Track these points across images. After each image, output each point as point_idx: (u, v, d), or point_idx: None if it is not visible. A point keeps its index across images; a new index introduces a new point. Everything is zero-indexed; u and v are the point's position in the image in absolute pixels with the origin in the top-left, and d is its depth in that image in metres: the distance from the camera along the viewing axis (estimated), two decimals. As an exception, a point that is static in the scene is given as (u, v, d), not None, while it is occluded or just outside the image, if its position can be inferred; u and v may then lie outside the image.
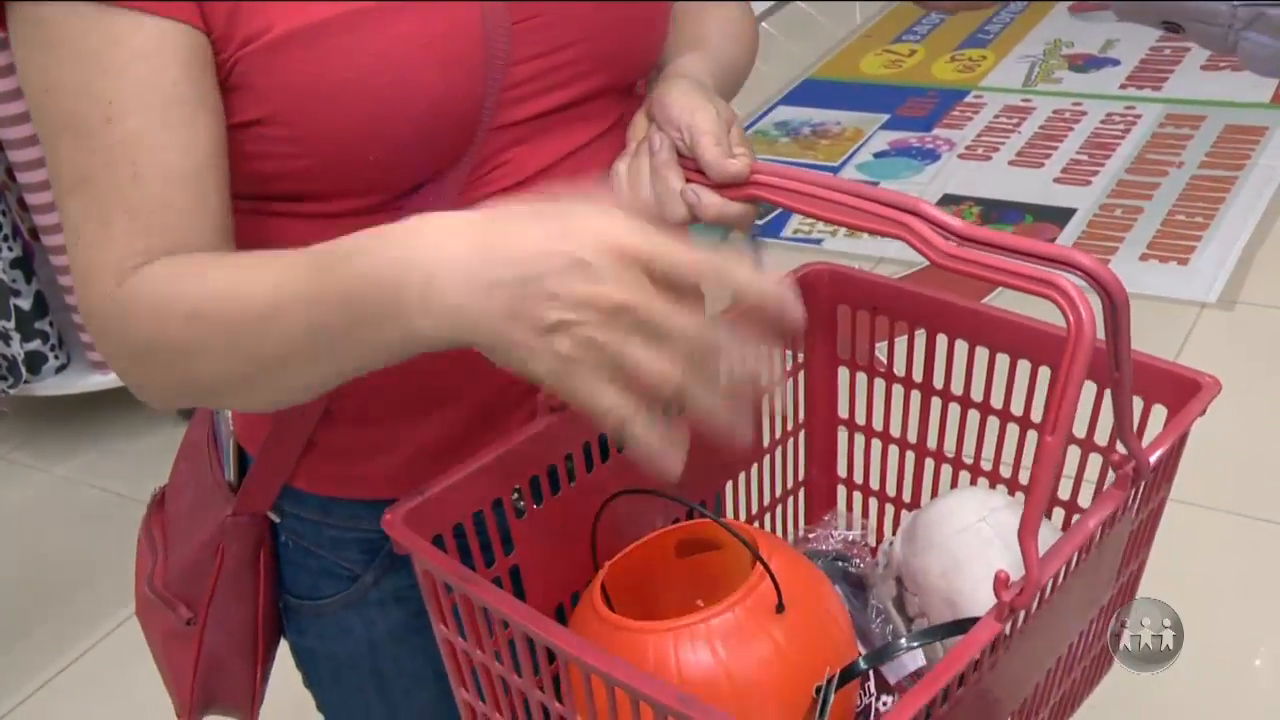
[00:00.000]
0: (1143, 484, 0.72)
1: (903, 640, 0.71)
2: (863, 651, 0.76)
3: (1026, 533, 0.61)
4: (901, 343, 0.88)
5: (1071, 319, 0.58)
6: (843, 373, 0.93)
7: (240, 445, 0.85)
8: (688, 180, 0.72)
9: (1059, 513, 0.85)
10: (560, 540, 0.79)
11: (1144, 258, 2.58)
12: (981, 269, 0.61)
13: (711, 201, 0.71)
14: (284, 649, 0.93)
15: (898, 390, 0.90)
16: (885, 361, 0.90)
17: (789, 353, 0.91)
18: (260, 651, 0.89)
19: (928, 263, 0.64)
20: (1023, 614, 0.64)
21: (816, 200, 0.68)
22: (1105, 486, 0.71)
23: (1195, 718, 1.61)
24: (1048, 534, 0.70)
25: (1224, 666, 1.67)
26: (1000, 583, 0.62)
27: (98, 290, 0.66)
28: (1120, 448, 0.70)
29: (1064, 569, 0.67)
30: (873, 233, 0.66)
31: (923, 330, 0.86)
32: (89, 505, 2.25)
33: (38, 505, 2.30)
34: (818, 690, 0.67)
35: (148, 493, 0.97)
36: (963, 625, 0.70)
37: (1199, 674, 1.61)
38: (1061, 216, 2.75)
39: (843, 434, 0.95)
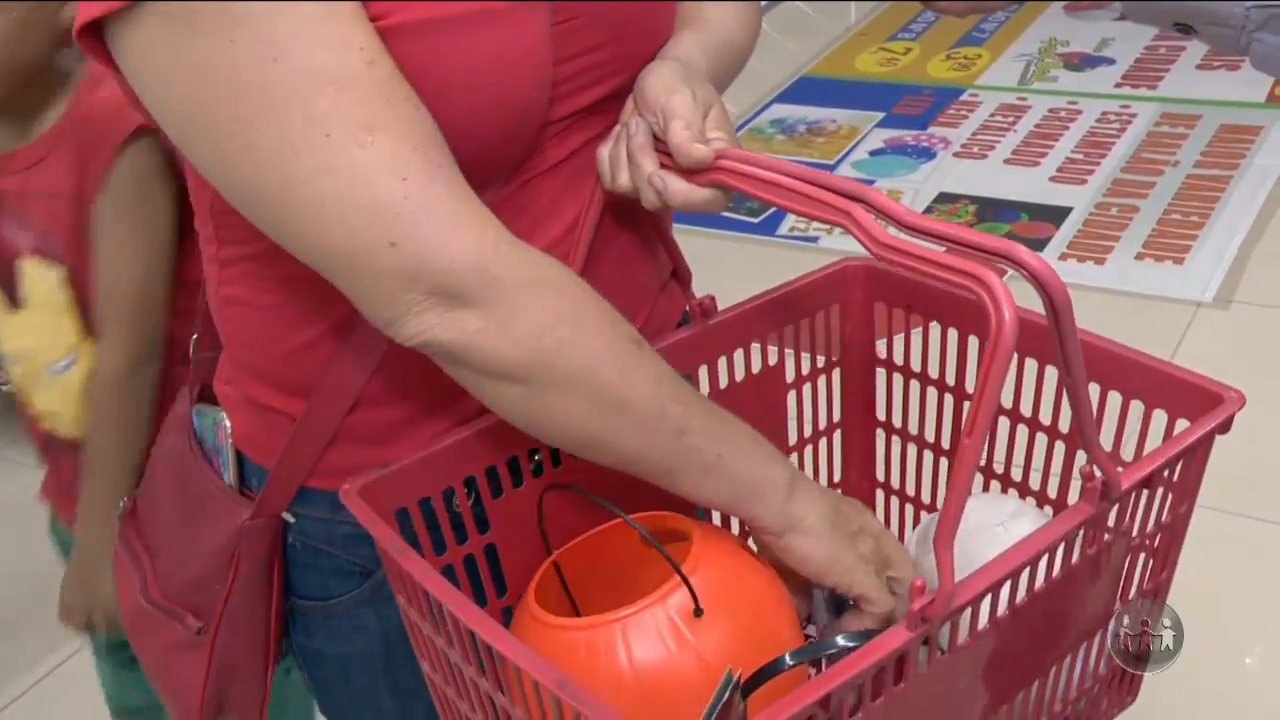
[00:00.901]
0: (1122, 501, 0.68)
1: (839, 637, 0.67)
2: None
3: (941, 542, 0.58)
4: (935, 344, 0.86)
5: (993, 317, 0.54)
6: (879, 373, 0.91)
7: (240, 450, 0.84)
8: (661, 166, 0.72)
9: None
10: (535, 522, 0.78)
11: (1140, 256, 2.58)
12: (913, 260, 0.58)
13: (678, 188, 0.71)
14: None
15: (932, 393, 0.88)
16: (920, 363, 0.88)
17: (823, 348, 0.90)
18: (270, 657, 0.87)
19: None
20: (952, 627, 0.62)
21: (772, 186, 0.66)
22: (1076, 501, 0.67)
23: (1194, 716, 1.61)
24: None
25: (1228, 669, 1.67)
26: (915, 590, 0.59)
27: (471, 233, 0.63)
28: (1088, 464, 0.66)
29: (1015, 586, 0.64)
30: (817, 220, 0.64)
31: (955, 330, 0.84)
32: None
33: (26, 502, 2.29)
34: (721, 689, 0.63)
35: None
36: (870, 634, 0.66)
37: (1204, 677, 1.61)
38: (1057, 215, 2.75)
39: (881, 437, 0.93)
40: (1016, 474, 0.88)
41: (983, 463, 0.88)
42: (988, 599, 0.65)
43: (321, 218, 0.63)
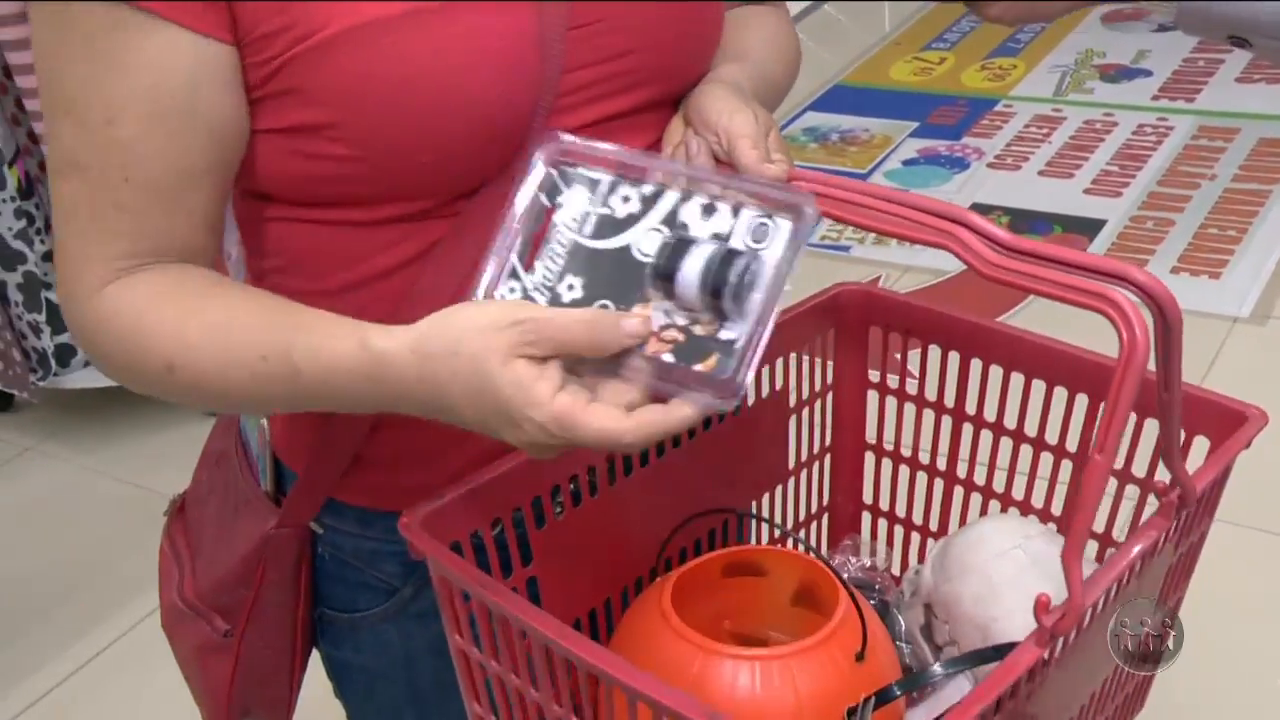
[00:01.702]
0: (1185, 514, 0.70)
1: (936, 666, 0.70)
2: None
3: (1071, 555, 0.59)
4: (933, 366, 0.87)
5: (1125, 336, 0.56)
6: (871, 396, 0.91)
7: (277, 456, 0.85)
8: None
9: (1092, 545, 0.83)
10: (579, 554, 0.78)
11: (1175, 271, 2.55)
12: (1031, 281, 0.59)
13: None
14: (314, 658, 0.93)
15: (928, 415, 0.88)
16: (916, 385, 0.88)
17: (818, 374, 0.90)
18: (297, 663, 0.88)
19: (955, 272, 0.63)
20: (1061, 641, 0.63)
21: (858, 208, 0.67)
22: (1146, 515, 0.69)
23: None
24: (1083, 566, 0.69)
25: (1254, 684, 1.65)
26: (1041, 606, 0.60)
27: (81, 286, 0.70)
28: (1161, 474, 0.69)
29: (1104, 597, 0.66)
30: (917, 242, 0.64)
31: (956, 353, 0.85)
32: (112, 496, 2.27)
33: (63, 495, 2.32)
34: (850, 712, 0.66)
35: (170, 486, 0.97)
36: (1000, 651, 0.69)
37: (1229, 692, 1.60)
38: (1091, 228, 2.73)
39: (869, 459, 0.94)
40: (1037, 501, 0.88)
41: (1000, 489, 0.88)
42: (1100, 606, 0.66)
43: None
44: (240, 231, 0.79)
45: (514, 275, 0.65)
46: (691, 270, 0.61)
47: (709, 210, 0.64)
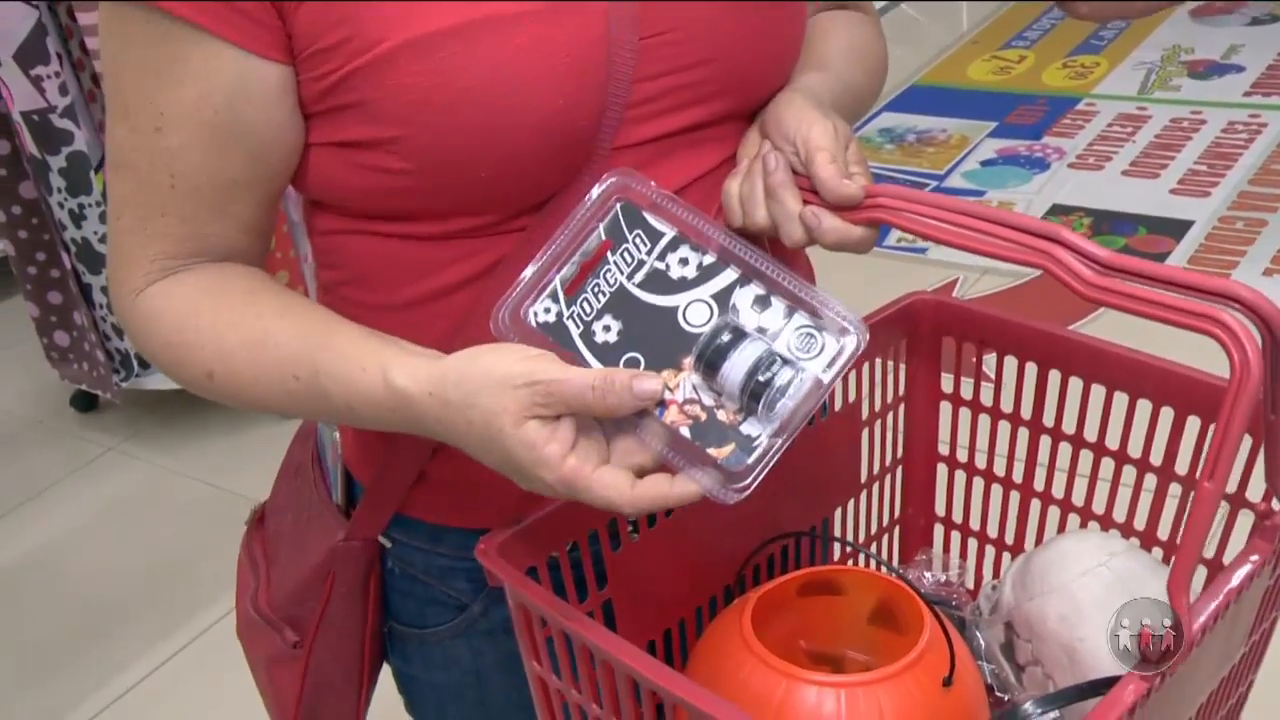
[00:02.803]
0: None
1: (1029, 704, 0.67)
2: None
3: (1177, 586, 0.58)
4: (1010, 376, 0.84)
5: (1237, 358, 0.54)
6: (944, 407, 0.89)
7: (348, 469, 0.85)
8: (805, 202, 0.68)
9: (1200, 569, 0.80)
10: (653, 576, 0.77)
11: (1268, 273, 2.47)
12: (1132, 301, 0.58)
13: (833, 226, 0.67)
14: (386, 673, 0.92)
15: (1004, 426, 0.86)
16: (991, 396, 0.86)
17: (890, 385, 0.88)
18: (365, 676, 0.88)
19: (1034, 275, 0.60)
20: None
21: (946, 226, 0.64)
22: (1249, 538, 0.67)
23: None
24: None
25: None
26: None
27: (127, 284, 0.73)
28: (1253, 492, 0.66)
29: (1211, 625, 0.63)
30: (1011, 261, 0.62)
31: (1033, 363, 0.82)
32: (191, 497, 2.31)
33: (143, 495, 2.37)
34: None
35: (248, 487, 0.97)
36: (1097, 688, 0.66)
37: None
38: (1178, 229, 2.65)
39: (942, 471, 0.91)
40: (1119, 515, 0.84)
41: (1079, 503, 0.85)
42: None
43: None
44: (310, 242, 0.79)
45: (553, 297, 0.65)
46: (738, 367, 0.62)
47: (763, 302, 0.64)
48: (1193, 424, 0.76)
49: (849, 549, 0.89)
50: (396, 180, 0.68)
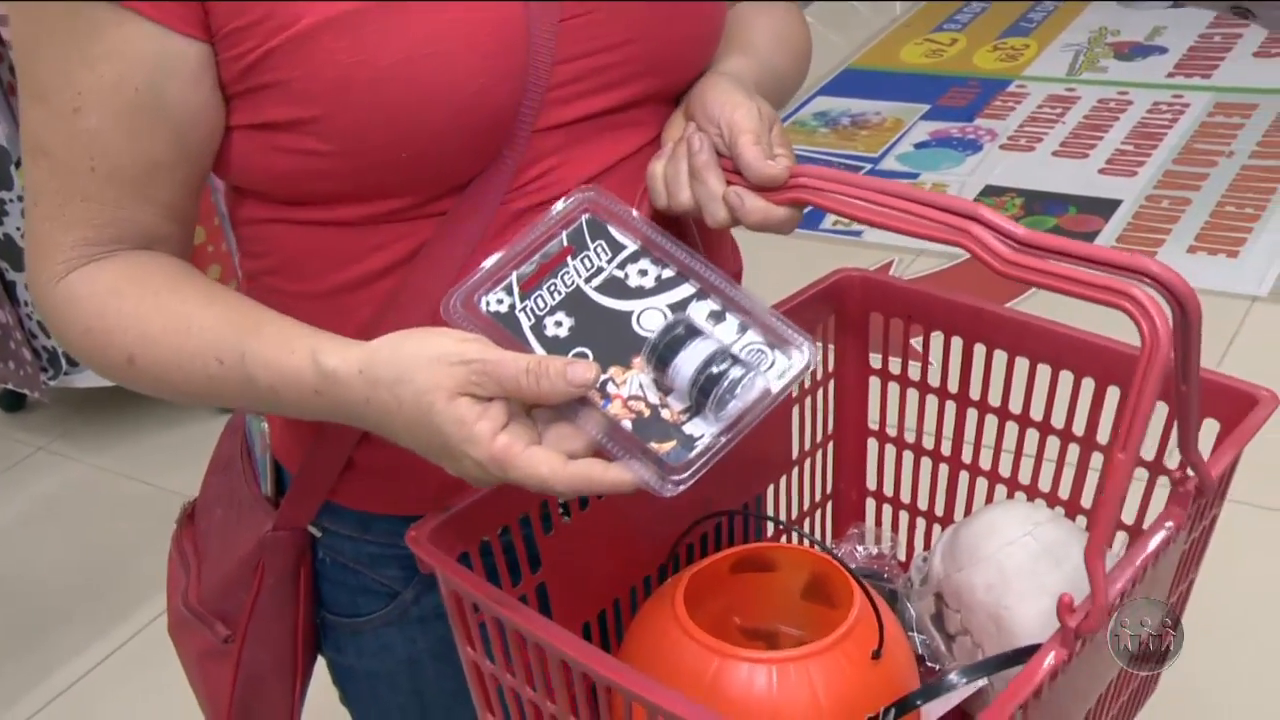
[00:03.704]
0: (1202, 501, 0.69)
1: (954, 675, 0.68)
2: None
3: (1094, 554, 0.58)
4: (936, 351, 0.85)
5: (1146, 331, 0.55)
6: (874, 382, 0.90)
7: (277, 460, 0.84)
8: (728, 183, 0.69)
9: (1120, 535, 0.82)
10: (587, 558, 0.77)
11: (1192, 250, 2.52)
12: (1047, 277, 0.58)
13: (756, 206, 0.68)
14: (320, 664, 0.91)
15: (931, 401, 0.87)
16: (919, 371, 0.87)
17: (819, 363, 0.89)
18: (299, 668, 0.87)
19: (968, 256, 0.61)
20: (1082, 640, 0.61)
21: (867, 205, 0.65)
22: (1165, 504, 0.68)
23: (1243, 716, 1.58)
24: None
25: (1266, 665, 1.63)
26: (1064, 607, 0.59)
27: (46, 271, 0.70)
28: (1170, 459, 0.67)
29: (1127, 591, 0.64)
30: (930, 239, 0.63)
31: (959, 338, 0.83)
32: (124, 495, 2.27)
33: (75, 495, 2.32)
34: None
35: (183, 484, 0.96)
36: (1021, 655, 0.67)
37: (1240, 673, 1.57)
38: (1106, 208, 2.69)
39: (873, 445, 0.92)
40: (1044, 485, 0.86)
41: (1006, 474, 0.86)
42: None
43: None
44: (232, 231, 0.77)
45: (508, 290, 0.65)
46: (690, 361, 0.62)
47: (717, 317, 0.65)
48: (1113, 394, 0.77)
49: (780, 527, 0.90)
50: (316, 162, 0.68)
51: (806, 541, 0.90)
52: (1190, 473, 0.67)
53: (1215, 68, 3.19)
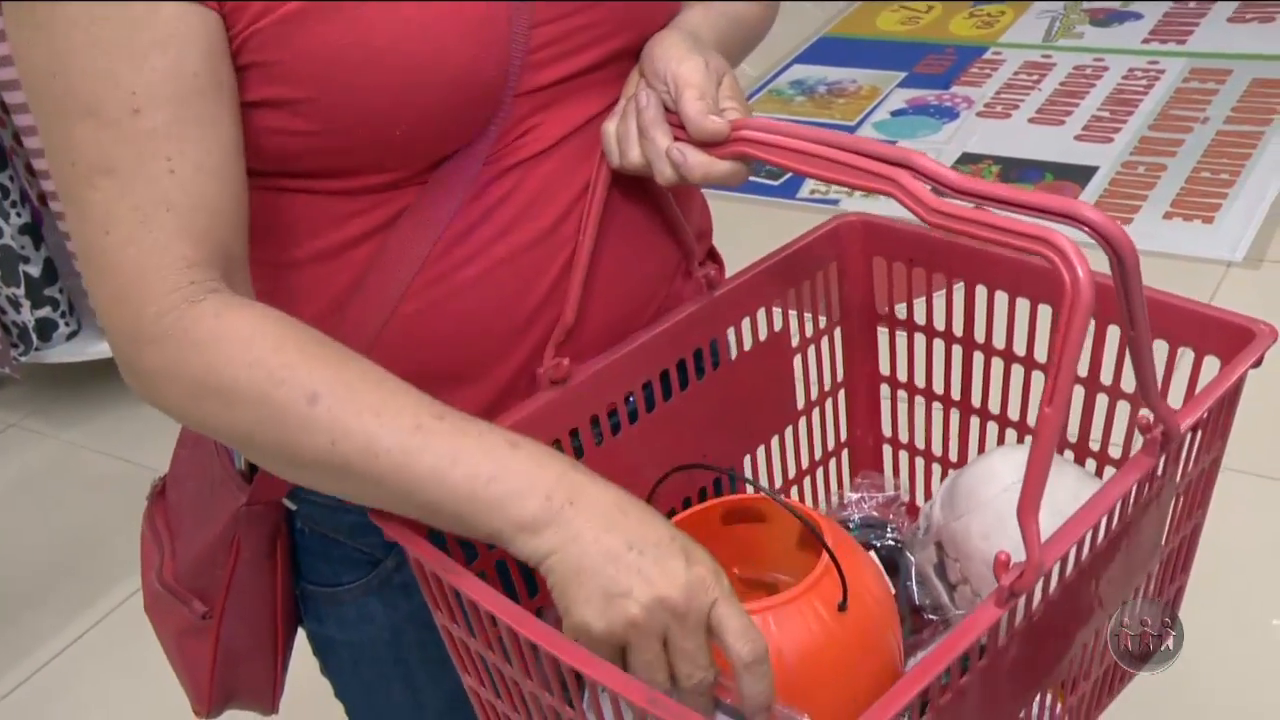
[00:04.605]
0: (1175, 448, 0.67)
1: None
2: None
3: (1025, 512, 0.56)
4: (941, 296, 0.85)
5: (1067, 279, 0.53)
6: (883, 329, 0.89)
7: None
8: (676, 139, 0.68)
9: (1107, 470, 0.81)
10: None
11: (1168, 216, 2.53)
12: (972, 225, 0.56)
13: (698, 161, 0.67)
14: (301, 637, 0.90)
15: (938, 345, 0.86)
16: (925, 315, 0.86)
17: (821, 309, 0.88)
18: (279, 642, 0.85)
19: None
20: (1027, 596, 0.60)
21: (805, 156, 0.63)
22: (1138, 454, 0.66)
23: (1224, 679, 1.59)
24: (1086, 492, 0.67)
25: (1248, 628, 1.65)
26: (1000, 565, 0.57)
27: (149, 305, 0.62)
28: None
29: (1082, 546, 0.63)
30: (859, 188, 0.61)
31: (962, 282, 0.82)
32: (99, 472, 2.24)
33: (49, 472, 2.30)
34: None
35: (158, 460, 0.94)
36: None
37: (1225, 636, 1.59)
38: (1083, 175, 2.70)
39: (886, 391, 0.91)
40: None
41: (1015, 417, 0.85)
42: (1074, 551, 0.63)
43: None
44: None
45: None
46: None
47: None
48: (1114, 334, 0.75)
49: (724, 474, 0.87)
50: (304, 141, 0.66)
51: (764, 494, 0.89)
52: (1156, 421, 0.65)
53: (1190, 34, 3.20)
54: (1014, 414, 0.85)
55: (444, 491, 0.60)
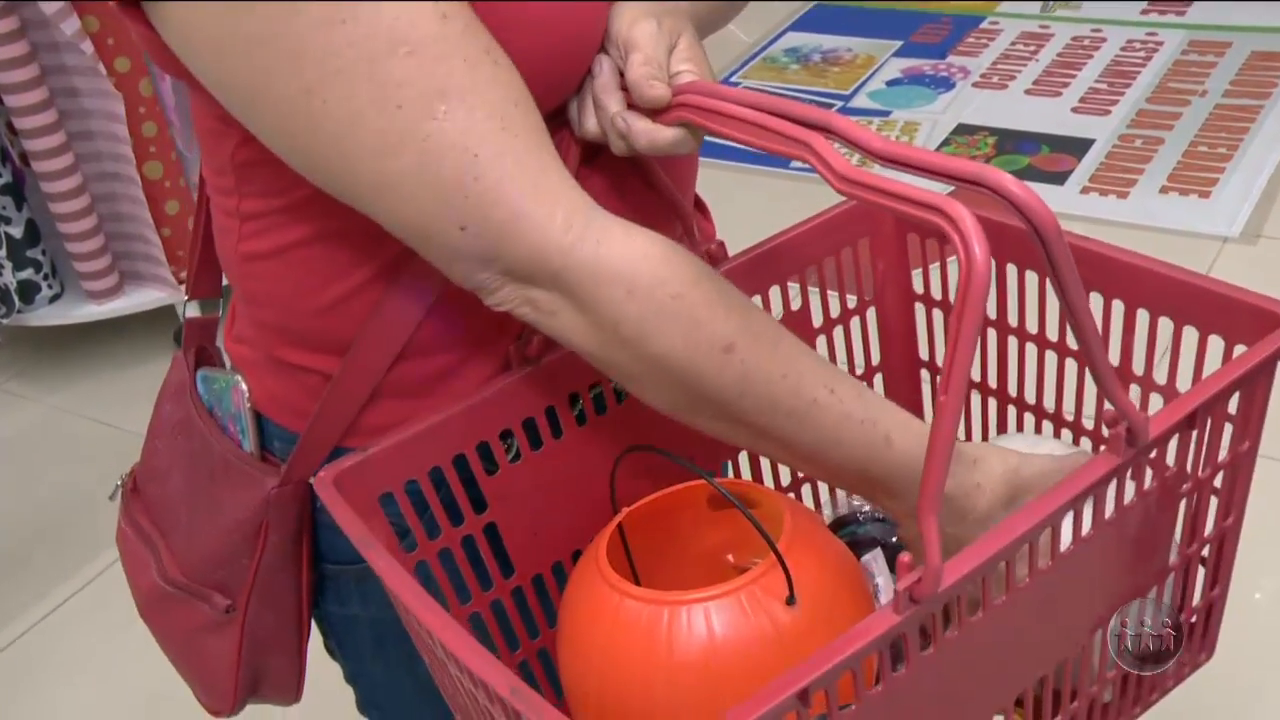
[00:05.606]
0: (1146, 446, 0.61)
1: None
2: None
3: (922, 509, 0.51)
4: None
5: (962, 253, 0.47)
6: (919, 310, 0.85)
7: (260, 414, 0.78)
8: (630, 106, 0.65)
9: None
10: (550, 497, 0.74)
11: (1164, 190, 2.51)
12: (873, 194, 0.51)
13: (641, 129, 0.64)
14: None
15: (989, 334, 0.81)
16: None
17: (850, 287, 0.84)
18: (305, 629, 0.82)
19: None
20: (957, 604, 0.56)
21: (735, 121, 0.59)
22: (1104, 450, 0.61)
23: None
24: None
25: (1230, 601, 1.65)
26: (902, 567, 0.52)
27: (540, 228, 0.59)
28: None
29: (1011, 556, 0.57)
30: (777, 154, 0.57)
31: (1014, 264, 0.78)
32: (83, 436, 2.22)
33: (32, 436, 2.27)
34: None
35: (141, 424, 0.90)
36: None
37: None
38: (1079, 147, 2.68)
39: (925, 376, 0.88)
40: (1088, 422, 0.82)
41: (1050, 408, 0.82)
42: (1003, 565, 0.58)
43: (392, 195, 0.60)
44: (235, 177, 0.70)
45: None
46: None
47: None
48: (1144, 319, 0.73)
49: (671, 459, 0.85)
50: None
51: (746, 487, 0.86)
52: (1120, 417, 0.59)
53: (1189, 5, 3.17)
54: (1049, 404, 0.82)
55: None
